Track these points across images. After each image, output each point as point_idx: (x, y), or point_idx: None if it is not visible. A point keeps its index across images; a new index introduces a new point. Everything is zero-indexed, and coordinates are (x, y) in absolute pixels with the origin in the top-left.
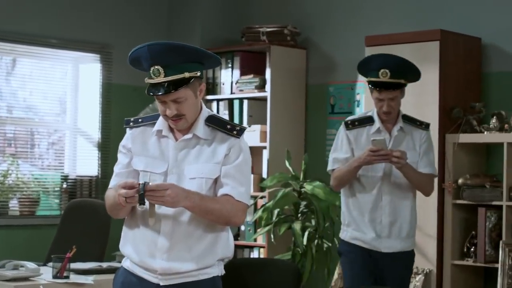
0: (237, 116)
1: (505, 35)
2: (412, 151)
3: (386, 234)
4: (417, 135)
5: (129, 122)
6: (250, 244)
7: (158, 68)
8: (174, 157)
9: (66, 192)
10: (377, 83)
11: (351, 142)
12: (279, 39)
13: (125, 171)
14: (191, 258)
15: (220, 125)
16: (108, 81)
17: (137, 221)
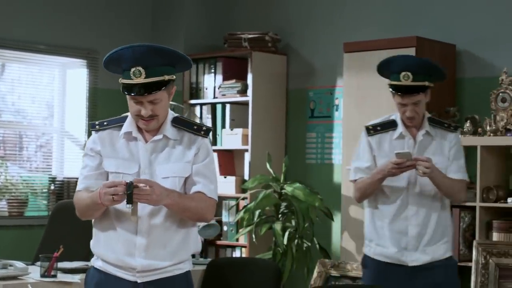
0: (220, 120)
1: (478, 43)
2: (440, 156)
3: (413, 246)
4: (445, 138)
5: (95, 125)
6: (232, 244)
7: (139, 69)
8: (146, 158)
9: (53, 194)
10: (399, 87)
11: (373, 149)
12: (261, 45)
13: (94, 174)
14: (167, 254)
15: (187, 126)
16: (94, 86)
17: (112, 221)
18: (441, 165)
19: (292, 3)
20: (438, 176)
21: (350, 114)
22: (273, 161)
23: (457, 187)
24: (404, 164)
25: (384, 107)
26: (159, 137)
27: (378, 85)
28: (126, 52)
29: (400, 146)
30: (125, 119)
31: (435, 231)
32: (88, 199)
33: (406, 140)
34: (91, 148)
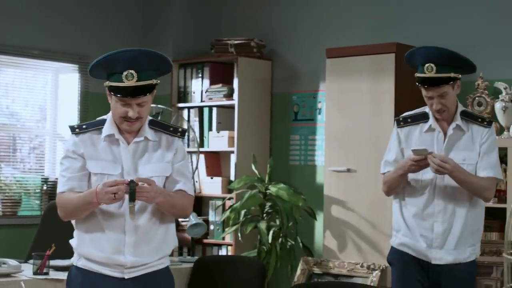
0: (207, 123)
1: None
2: (470, 151)
3: (438, 244)
4: (478, 133)
5: (75, 128)
6: (219, 242)
7: (132, 72)
8: (128, 159)
9: (46, 194)
10: (423, 79)
11: (401, 141)
12: (246, 51)
13: (78, 175)
14: (152, 250)
15: (163, 128)
16: (85, 90)
17: (99, 222)
18: (470, 161)
19: (276, 10)
20: (459, 174)
21: (333, 117)
22: (258, 163)
23: (482, 185)
24: (421, 162)
25: (366, 110)
26: (140, 138)
27: (359, 89)
28: (121, 56)
29: (430, 139)
30: (103, 122)
31: (462, 231)
32: (79, 200)
33: (436, 133)
34: (73, 150)
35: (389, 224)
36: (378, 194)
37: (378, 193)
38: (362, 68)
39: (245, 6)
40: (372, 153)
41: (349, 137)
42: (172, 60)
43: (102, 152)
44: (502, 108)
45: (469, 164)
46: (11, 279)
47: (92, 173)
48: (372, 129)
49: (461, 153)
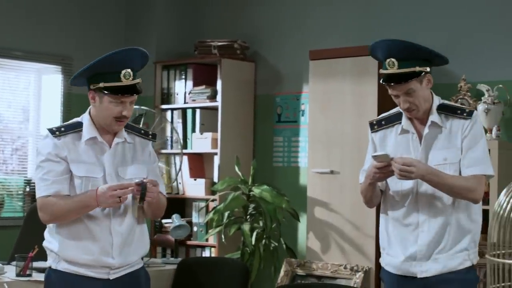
0: (190, 125)
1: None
2: (450, 149)
3: (423, 255)
4: (458, 127)
5: (55, 131)
6: (202, 244)
7: (129, 71)
8: (111, 161)
9: (29, 195)
10: (385, 76)
11: (376, 147)
12: (230, 52)
13: (62, 178)
14: (133, 251)
15: (136, 130)
16: (68, 91)
17: (85, 225)
18: (452, 160)
19: (260, 12)
20: (432, 177)
21: (316, 119)
22: (241, 164)
23: (463, 186)
24: (386, 167)
25: (348, 112)
26: (121, 139)
27: (342, 91)
28: (121, 56)
29: (405, 141)
30: (80, 125)
31: (451, 238)
32: (74, 203)
33: (410, 135)
34: (55, 153)
35: (372, 226)
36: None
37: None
38: (345, 70)
39: (228, 8)
40: (355, 155)
41: (332, 139)
42: (155, 62)
43: (84, 155)
44: (484, 110)
45: (452, 164)
46: None
47: (76, 176)
48: (355, 131)
49: (441, 153)
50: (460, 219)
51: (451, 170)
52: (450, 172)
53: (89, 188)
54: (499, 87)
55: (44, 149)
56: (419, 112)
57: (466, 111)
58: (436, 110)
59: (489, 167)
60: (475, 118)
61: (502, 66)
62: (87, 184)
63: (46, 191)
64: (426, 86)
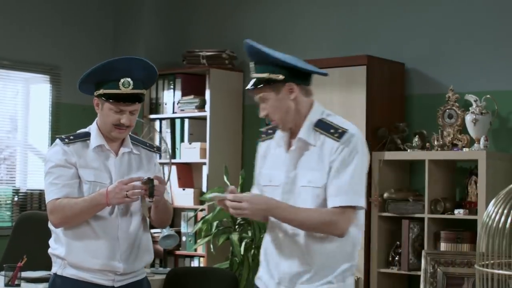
0: (179, 134)
1: (426, 61)
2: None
3: (288, 284)
4: (328, 148)
5: (64, 139)
6: (191, 253)
7: (128, 80)
8: (117, 168)
9: (17, 205)
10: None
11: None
12: (218, 62)
13: (72, 182)
14: (139, 258)
15: (141, 143)
16: (57, 101)
17: (92, 229)
18: (316, 184)
19: (247, 22)
20: (281, 212)
21: None
22: (230, 174)
23: (322, 221)
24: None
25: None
26: (127, 149)
27: (330, 101)
28: (121, 64)
29: (278, 157)
30: (88, 134)
31: (316, 265)
32: (85, 202)
33: (282, 150)
34: (65, 159)
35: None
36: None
37: None
38: (333, 81)
39: (216, 18)
40: None
41: None
42: None
43: (92, 162)
44: (472, 120)
45: (315, 187)
46: None
47: (85, 181)
48: None
49: (307, 173)
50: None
51: (313, 194)
52: (311, 196)
53: None
54: (487, 97)
55: (54, 156)
56: (284, 126)
57: (338, 131)
58: (313, 125)
59: (356, 197)
60: (348, 141)
61: (490, 76)
62: (95, 189)
63: (57, 194)
64: (287, 97)
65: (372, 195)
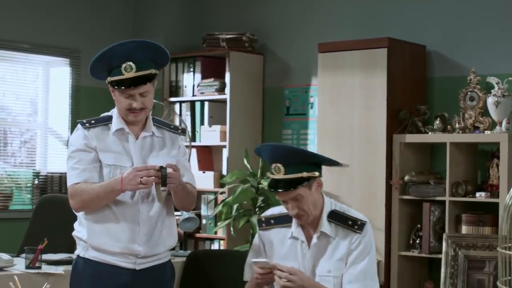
0: (199, 117)
1: (447, 43)
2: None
3: None
4: (346, 238)
5: (85, 123)
6: (211, 236)
7: (130, 64)
8: (138, 152)
9: (37, 188)
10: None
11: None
12: (238, 45)
13: (92, 167)
14: (162, 241)
15: (165, 125)
16: (77, 84)
17: (112, 212)
18: (336, 273)
19: (268, 5)
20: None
21: (325, 112)
22: (250, 157)
23: None
24: (269, 274)
25: (358, 104)
26: (148, 133)
27: (351, 84)
28: (117, 49)
29: (293, 248)
30: (110, 118)
31: None
32: (101, 188)
33: (299, 242)
34: (85, 143)
35: (381, 218)
36: (370, 188)
37: (370, 187)
38: (354, 63)
39: (236, 1)
40: (364, 148)
41: (341, 131)
42: None
43: (113, 145)
44: (494, 103)
45: (335, 277)
46: (3, 273)
47: (105, 164)
48: (364, 124)
49: (327, 264)
50: None
51: (335, 283)
52: (334, 285)
53: None
54: (509, 79)
55: (75, 141)
56: (309, 218)
57: (357, 224)
58: (327, 217)
59: (371, 284)
60: (366, 231)
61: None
62: (115, 172)
63: (76, 178)
64: (316, 191)
65: (393, 177)
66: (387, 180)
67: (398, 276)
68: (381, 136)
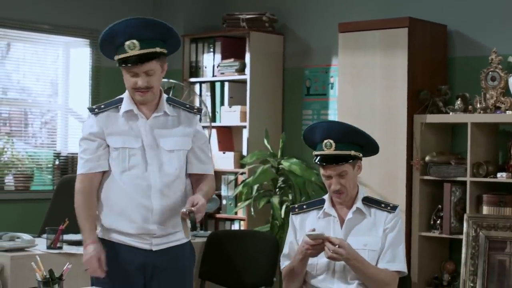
0: (219, 98)
1: (468, 23)
2: (371, 236)
3: None
4: (381, 218)
5: (93, 109)
6: (231, 217)
7: (133, 41)
8: (149, 132)
9: (58, 168)
10: (320, 158)
11: (296, 230)
12: (258, 25)
13: (96, 156)
14: (177, 222)
15: (180, 104)
16: (97, 65)
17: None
18: (372, 247)
19: None
20: (356, 263)
21: (345, 92)
22: (270, 137)
23: (382, 279)
24: (319, 245)
25: (379, 85)
26: (159, 113)
27: (372, 64)
28: (120, 27)
29: (325, 225)
30: (121, 100)
31: None
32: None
33: (332, 218)
34: (89, 132)
35: (402, 199)
36: (390, 169)
37: (391, 168)
38: (374, 43)
39: None
40: (385, 128)
41: (362, 112)
42: (183, 35)
43: (121, 127)
44: None
45: (371, 250)
46: (25, 254)
47: (113, 148)
48: (385, 104)
49: (362, 238)
50: None
51: (369, 256)
52: (368, 258)
53: (126, 159)
54: None
55: (84, 129)
56: (347, 196)
57: (390, 205)
58: (362, 200)
59: (404, 265)
60: (398, 214)
61: None
62: (124, 154)
63: (81, 169)
64: (356, 172)
65: (413, 158)
66: (407, 160)
67: (419, 256)
68: (402, 117)
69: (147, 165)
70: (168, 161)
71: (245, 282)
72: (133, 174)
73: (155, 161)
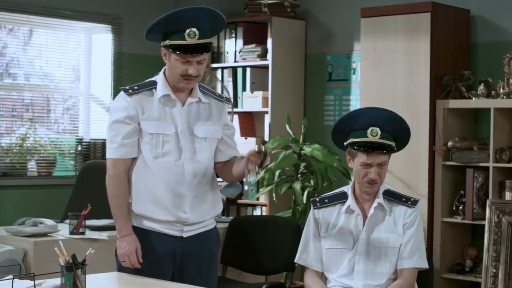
0: (241, 83)
1: (491, 8)
2: (393, 233)
3: None
4: (401, 213)
5: (127, 90)
6: (253, 202)
7: (194, 30)
8: (184, 119)
9: (80, 154)
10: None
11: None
12: (280, 10)
13: (130, 141)
14: (207, 209)
15: (211, 92)
16: (119, 51)
17: (160, 181)
18: (394, 244)
19: None
20: None
21: (367, 77)
22: (292, 123)
23: None
24: None
25: (401, 70)
26: (195, 99)
27: (394, 49)
28: (187, 14)
29: (348, 221)
30: (154, 83)
31: None
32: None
33: (355, 214)
34: (125, 115)
35: (424, 184)
36: (413, 154)
37: (413, 153)
38: (397, 28)
39: None
40: (407, 114)
41: (384, 97)
42: None
43: (156, 112)
44: None
45: (392, 248)
46: (48, 239)
47: (146, 133)
48: (407, 89)
49: (384, 235)
50: None
51: (391, 253)
52: (390, 255)
53: (160, 145)
54: None
55: (115, 110)
56: (377, 188)
57: (411, 200)
58: (382, 194)
59: (424, 260)
60: (417, 208)
61: None
62: (157, 140)
63: (113, 154)
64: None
65: (436, 143)
66: (430, 146)
67: (441, 242)
68: (425, 102)
69: (181, 153)
70: (200, 149)
71: (267, 267)
72: (166, 160)
73: (188, 148)
